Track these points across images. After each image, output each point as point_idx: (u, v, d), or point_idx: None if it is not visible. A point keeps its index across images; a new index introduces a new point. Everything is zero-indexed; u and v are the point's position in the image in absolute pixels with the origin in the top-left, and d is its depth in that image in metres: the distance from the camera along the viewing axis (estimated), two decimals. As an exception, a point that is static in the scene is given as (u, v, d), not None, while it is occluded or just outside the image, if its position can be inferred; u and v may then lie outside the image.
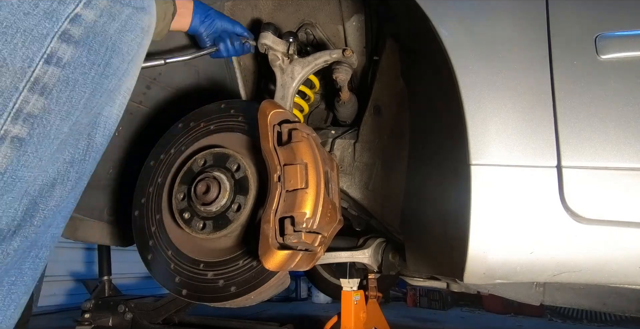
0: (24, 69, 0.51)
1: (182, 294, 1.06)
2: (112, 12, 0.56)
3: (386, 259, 1.66)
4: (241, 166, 1.06)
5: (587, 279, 0.88)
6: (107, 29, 0.57)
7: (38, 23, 0.51)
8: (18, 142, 0.52)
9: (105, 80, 0.59)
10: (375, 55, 1.51)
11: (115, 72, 0.60)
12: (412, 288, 5.40)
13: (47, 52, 0.53)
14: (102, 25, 0.56)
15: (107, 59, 0.58)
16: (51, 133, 0.56)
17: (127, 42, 0.60)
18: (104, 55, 0.58)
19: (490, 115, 0.88)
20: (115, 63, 0.59)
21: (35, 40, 0.52)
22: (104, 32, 0.56)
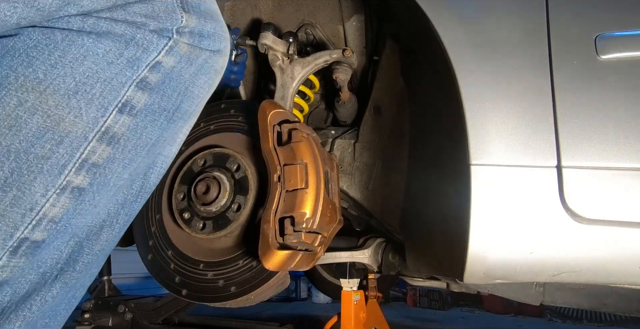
0: (97, 119, 0.49)
1: (182, 294, 1.06)
2: (190, 57, 0.53)
3: (386, 259, 1.66)
4: (241, 167, 1.06)
5: (587, 279, 0.88)
6: (183, 73, 0.54)
7: (119, 72, 0.49)
8: (77, 192, 0.50)
9: (173, 125, 0.56)
10: (375, 55, 1.51)
11: (183, 116, 0.57)
12: (412, 288, 5.40)
13: (122, 100, 0.50)
14: (179, 71, 0.53)
15: (178, 104, 0.55)
16: (111, 181, 0.53)
17: (200, 85, 0.57)
18: (176, 100, 0.55)
19: (490, 115, 0.88)
20: (184, 107, 0.57)
21: (114, 89, 0.49)
22: (179, 77, 0.53)
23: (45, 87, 0.45)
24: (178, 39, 0.51)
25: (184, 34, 0.51)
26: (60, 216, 0.49)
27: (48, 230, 0.48)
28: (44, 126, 0.46)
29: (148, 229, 1.18)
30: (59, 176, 0.48)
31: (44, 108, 0.45)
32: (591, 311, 4.28)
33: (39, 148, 0.46)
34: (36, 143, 0.46)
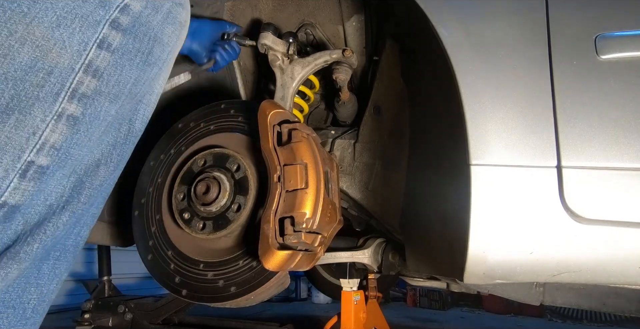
0: (80, 52, 0.55)
1: (182, 295, 1.06)
2: (155, 4, 0.61)
3: (386, 259, 1.66)
4: (241, 167, 1.06)
5: (587, 279, 0.88)
6: (150, 20, 0.61)
7: (93, 10, 0.56)
8: (73, 120, 0.56)
9: (148, 68, 0.63)
10: (375, 55, 1.51)
11: (157, 61, 0.64)
12: (412, 288, 5.40)
13: (99, 37, 0.57)
14: (146, 16, 0.61)
15: (150, 48, 0.62)
16: (101, 114, 0.59)
17: (168, 34, 0.64)
18: (147, 44, 0.62)
19: (490, 115, 0.88)
20: (157, 52, 0.64)
21: (90, 25, 0.56)
22: (148, 22, 0.61)
23: (31, 19, 0.51)
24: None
25: None
26: (60, 143, 0.55)
27: (51, 155, 0.54)
28: (34, 56, 0.52)
29: (148, 229, 1.18)
30: (54, 103, 0.54)
31: (32, 39, 0.52)
32: (591, 311, 4.28)
33: (33, 77, 0.52)
34: (30, 72, 0.52)
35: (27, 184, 0.53)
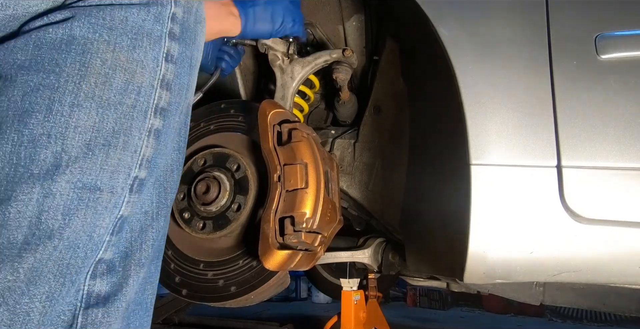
0: (155, 68, 0.59)
1: (182, 294, 1.06)
2: (188, 7, 0.63)
3: (386, 259, 1.66)
4: (241, 166, 1.06)
5: (587, 279, 0.88)
6: (189, 23, 0.64)
7: (152, 26, 0.59)
8: (157, 134, 0.61)
9: (192, 71, 0.67)
10: (375, 55, 1.51)
11: (196, 63, 0.68)
12: (412, 288, 5.41)
13: (164, 51, 0.60)
14: (187, 21, 0.63)
15: (192, 51, 0.66)
16: (173, 123, 0.64)
17: (199, 33, 0.67)
18: (190, 47, 0.65)
19: (490, 115, 0.88)
20: (195, 54, 0.67)
21: (156, 42, 0.59)
22: (188, 26, 0.64)
23: (114, 46, 0.56)
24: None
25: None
26: (150, 156, 0.60)
27: (147, 168, 0.59)
28: (125, 79, 0.56)
29: (148, 229, 1.18)
30: (144, 121, 0.59)
31: (120, 63, 0.56)
32: (591, 311, 4.28)
33: (127, 99, 0.57)
34: (124, 95, 0.56)
35: (134, 196, 0.58)
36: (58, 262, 0.51)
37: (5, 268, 0.48)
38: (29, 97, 0.51)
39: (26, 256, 0.49)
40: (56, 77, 0.52)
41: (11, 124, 0.50)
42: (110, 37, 0.55)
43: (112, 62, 0.55)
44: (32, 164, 0.50)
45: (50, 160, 0.50)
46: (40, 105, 0.51)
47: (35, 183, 0.49)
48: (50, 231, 0.50)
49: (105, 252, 0.56)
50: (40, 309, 0.49)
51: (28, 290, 0.49)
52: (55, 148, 0.51)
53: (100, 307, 0.55)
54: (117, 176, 0.55)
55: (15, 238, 0.48)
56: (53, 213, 0.50)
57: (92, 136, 0.53)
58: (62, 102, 0.52)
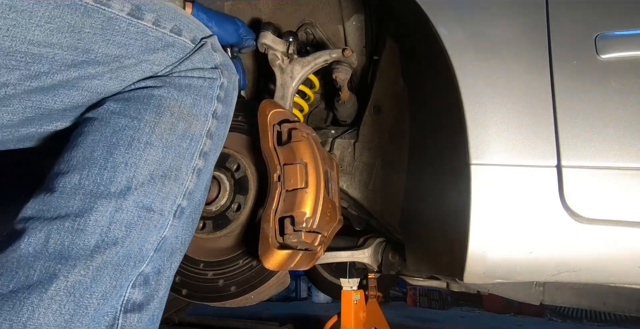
0: (205, 122, 0.74)
1: (182, 294, 1.06)
2: (230, 78, 0.79)
3: (386, 259, 1.66)
4: (241, 166, 1.06)
5: (587, 278, 0.88)
6: (230, 90, 0.79)
7: (207, 91, 0.74)
8: (198, 172, 0.73)
9: (227, 125, 0.82)
10: (375, 55, 1.51)
11: (229, 120, 0.83)
12: (412, 287, 5.41)
13: (212, 108, 0.75)
14: (228, 88, 0.78)
15: (229, 110, 0.81)
16: (210, 165, 0.77)
17: (235, 98, 0.83)
18: (229, 107, 0.80)
19: (490, 114, 0.88)
20: (231, 113, 0.82)
21: (208, 102, 0.74)
22: (229, 92, 0.79)
23: (180, 102, 0.71)
24: (220, 66, 0.77)
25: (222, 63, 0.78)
26: (192, 190, 0.72)
27: (187, 199, 0.71)
28: (185, 128, 0.70)
29: (148, 229, 1.18)
30: (191, 161, 0.72)
31: (183, 116, 0.70)
32: (591, 311, 4.28)
33: (183, 143, 0.70)
34: (182, 139, 0.70)
35: (175, 221, 0.69)
36: (116, 266, 0.60)
37: (80, 264, 0.57)
38: (116, 134, 0.65)
39: (96, 257, 0.58)
40: (138, 122, 0.66)
41: (101, 153, 0.63)
42: (179, 96, 0.70)
43: (178, 114, 0.70)
44: (110, 184, 0.62)
45: (124, 182, 0.63)
46: (124, 141, 0.64)
47: (111, 200, 0.61)
48: (115, 239, 0.60)
49: (147, 266, 0.66)
50: (95, 306, 0.58)
51: (91, 286, 0.58)
52: (129, 174, 0.63)
53: (136, 313, 0.64)
54: (166, 202, 0.67)
55: (89, 242, 0.58)
56: (119, 225, 0.61)
57: (155, 168, 0.66)
58: (140, 140, 0.65)
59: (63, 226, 0.58)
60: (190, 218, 0.77)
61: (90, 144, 0.64)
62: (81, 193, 0.60)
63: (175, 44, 0.72)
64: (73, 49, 0.62)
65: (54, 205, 0.59)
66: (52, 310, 0.54)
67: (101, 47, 0.65)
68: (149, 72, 0.70)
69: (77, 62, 0.63)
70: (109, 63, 0.66)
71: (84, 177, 0.61)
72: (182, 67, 0.73)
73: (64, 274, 0.56)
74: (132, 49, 0.67)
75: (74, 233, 0.58)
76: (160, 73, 0.71)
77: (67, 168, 0.62)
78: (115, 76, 0.67)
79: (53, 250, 0.56)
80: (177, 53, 0.72)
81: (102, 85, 0.67)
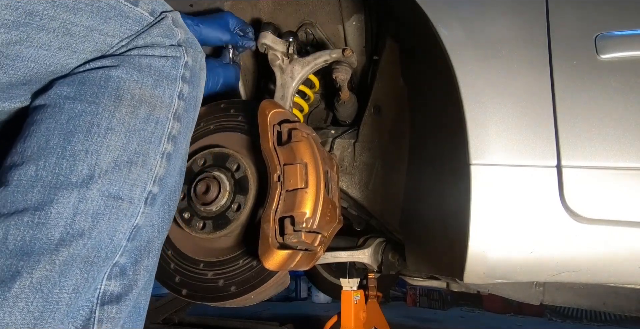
0: (170, 104, 0.71)
1: (182, 294, 1.06)
2: (195, 56, 0.77)
3: (386, 259, 1.66)
4: (241, 166, 1.06)
5: (587, 278, 0.88)
6: (196, 69, 0.77)
7: (170, 71, 0.71)
8: (168, 157, 0.71)
9: (197, 108, 0.80)
10: (375, 55, 1.51)
11: (198, 102, 0.80)
12: (412, 287, 5.41)
13: (178, 89, 0.72)
14: (194, 67, 0.76)
15: (197, 92, 0.78)
16: (180, 149, 0.74)
17: (203, 78, 0.80)
18: (196, 88, 0.78)
19: (490, 114, 0.88)
20: (199, 94, 0.80)
21: (172, 82, 0.72)
22: (195, 72, 0.76)
23: (141, 84, 0.67)
24: (183, 44, 0.75)
25: (185, 41, 0.76)
26: (162, 175, 0.69)
27: (159, 185, 0.69)
28: (148, 111, 0.67)
29: (148, 229, 1.18)
30: (159, 145, 0.69)
31: (145, 98, 0.67)
32: (591, 311, 4.28)
33: (148, 126, 0.67)
34: (146, 123, 0.67)
35: (147, 209, 0.67)
36: (85, 259, 0.58)
37: (45, 259, 0.55)
38: (73, 121, 0.61)
39: (62, 251, 0.56)
40: (95, 106, 0.63)
41: (57, 141, 0.60)
42: (139, 77, 0.67)
43: (139, 96, 0.66)
44: (71, 174, 0.59)
45: (86, 171, 0.60)
46: (82, 127, 0.61)
47: (73, 190, 0.58)
48: (81, 230, 0.58)
49: (121, 256, 0.64)
50: (67, 300, 0.56)
51: (59, 281, 0.55)
52: (90, 162, 0.60)
53: (114, 304, 0.62)
54: (135, 189, 0.65)
55: (52, 235, 0.56)
56: (85, 216, 0.59)
57: (119, 154, 0.63)
58: (100, 125, 0.62)
59: (22, 221, 0.55)
60: (166, 205, 0.74)
61: (45, 132, 0.60)
62: (39, 185, 0.57)
63: (130, 15, 0.67)
64: (13, 9, 0.57)
65: (9, 199, 0.56)
66: (19, 308, 0.52)
67: (46, 9, 0.59)
68: (103, 44, 0.65)
69: (19, 23, 0.57)
70: (55, 30, 0.60)
71: (40, 168, 0.58)
72: (140, 42, 0.68)
73: (27, 270, 0.53)
74: (81, 15, 0.62)
75: (34, 228, 0.55)
76: (117, 50, 0.67)
77: (21, 159, 0.59)
78: (65, 46, 0.62)
79: (13, 247, 0.54)
80: (133, 25, 0.67)
81: (50, 56, 0.62)
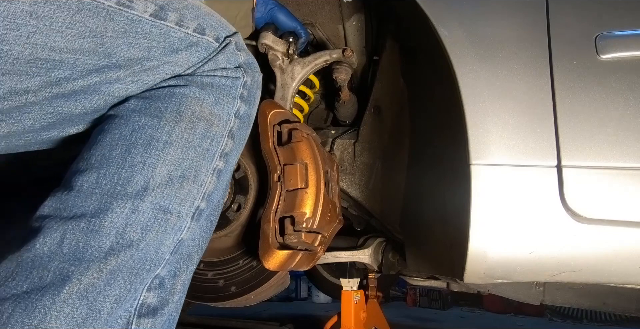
0: (227, 121, 0.71)
1: (182, 294, 1.06)
2: (253, 76, 0.77)
3: (386, 259, 1.66)
4: (241, 166, 1.06)
5: (587, 278, 0.88)
6: (253, 89, 0.77)
7: (230, 90, 0.72)
8: (218, 173, 0.71)
9: (249, 126, 0.80)
10: (376, 55, 1.51)
11: (252, 120, 0.80)
12: (412, 287, 5.41)
13: (235, 108, 0.73)
14: (252, 87, 0.77)
15: (252, 110, 0.78)
16: (230, 166, 0.75)
17: (258, 97, 0.81)
18: (252, 107, 0.78)
19: (490, 114, 0.88)
20: (254, 113, 0.80)
21: (230, 101, 0.72)
22: (252, 91, 0.77)
23: (202, 101, 0.68)
24: (243, 65, 0.75)
25: (245, 62, 0.76)
26: (211, 191, 0.70)
27: (206, 201, 0.69)
28: (206, 127, 0.68)
29: (148, 229, 1.18)
30: (212, 162, 0.69)
31: (204, 115, 0.68)
32: (591, 311, 4.28)
33: (204, 143, 0.68)
34: (202, 139, 0.68)
35: (194, 223, 0.67)
36: (130, 270, 0.58)
37: (94, 267, 0.55)
38: (135, 133, 0.63)
39: (110, 260, 0.56)
40: (157, 120, 0.64)
41: (119, 152, 0.61)
42: (201, 94, 0.68)
43: (199, 113, 0.67)
44: (127, 185, 0.60)
45: (141, 183, 0.61)
46: (143, 140, 0.63)
47: (127, 201, 0.59)
48: (130, 241, 0.58)
49: (163, 269, 0.64)
50: (109, 310, 0.56)
51: (104, 290, 0.56)
52: (147, 174, 0.61)
53: (150, 317, 0.62)
54: (184, 204, 0.65)
55: (104, 244, 0.56)
56: (135, 227, 0.59)
57: (174, 168, 0.64)
58: (159, 139, 0.63)
59: (78, 226, 0.56)
60: (209, 219, 0.74)
61: (110, 142, 0.62)
62: (98, 193, 0.58)
63: (198, 44, 0.69)
64: (95, 54, 0.60)
65: (70, 204, 0.58)
66: (65, 313, 0.52)
67: (123, 51, 0.62)
68: (171, 74, 0.68)
69: (98, 66, 0.61)
70: (131, 67, 0.64)
71: (101, 176, 0.59)
72: (206, 68, 0.70)
73: (77, 276, 0.54)
74: (155, 51, 0.65)
75: (88, 234, 0.56)
76: (184, 73, 0.69)
77: (85, 166, 0.61)
78: (137, 79, 0.65)
79: (67, 251, 0.55)
80: (201, 53, 0.70)
81: (124, 89, 0.65)
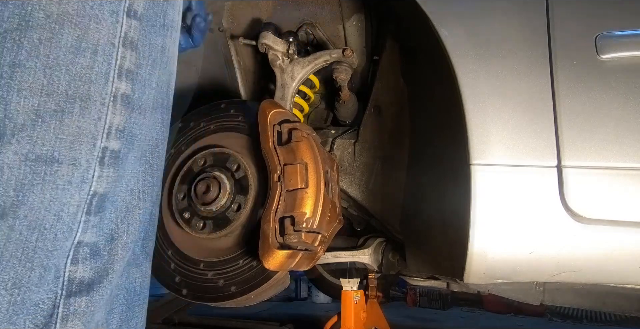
0: (114, 24, 0.53)
1: (182, 294, 1.06)
2: None
3: (386, 259, 1.66)
4: (241, 166, 1.06)
5: (587, 279, 0.88)
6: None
7: None
8: (126, 99, 0.54)
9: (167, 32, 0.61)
10: (376, 55, 1.51)
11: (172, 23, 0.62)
12: (412, 287, 5.40)
13: (126, 4, 0.54)
14: None
15: (165, 9, 0.60)
16: (148, 90, 0.58)
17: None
18: (162, 5, 0.59)
19: (491, 114, 0.88)
20: (170, 13, 0.61)
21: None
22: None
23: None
24: None
25: None
26: (122, 125, 0.54)
27: (119, 138, 0.53)
28: (77, 35, 0.50)
29: (148, 229, 1.18)
30: (106, 84, 0.52)
31: (68, 17, 0.49)
32: (591, 311, 4.28)
33: (82, 58, 0.50)
34: (77, 53, 0.50)
35: (108, 170, 0.53)
36: (21, 245, 0.46)
37: None
38: None
39: None
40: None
41: None
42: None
43: (57, 15, 0.48)
44: None
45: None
46: None
47: None
48: (1, 209, 0.45)
49: (84, 234, 0.51)
50: (8, 298, 0.45)
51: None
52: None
53: (84, 295, 0.50)
54: (78, 146, 0.49)
55: None
56: (3, 189, 0.45)
57: (41, 100, 0.47)
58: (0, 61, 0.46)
59: None
60: (146, 164, 0.59)
61: None
62: None
63: None
64: None
65: None
66: None
67: None
68: None
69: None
70: None
71: None
72: None
73: None
74: None
75: None
76: None
77: None
78: None
79: None
80: None
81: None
